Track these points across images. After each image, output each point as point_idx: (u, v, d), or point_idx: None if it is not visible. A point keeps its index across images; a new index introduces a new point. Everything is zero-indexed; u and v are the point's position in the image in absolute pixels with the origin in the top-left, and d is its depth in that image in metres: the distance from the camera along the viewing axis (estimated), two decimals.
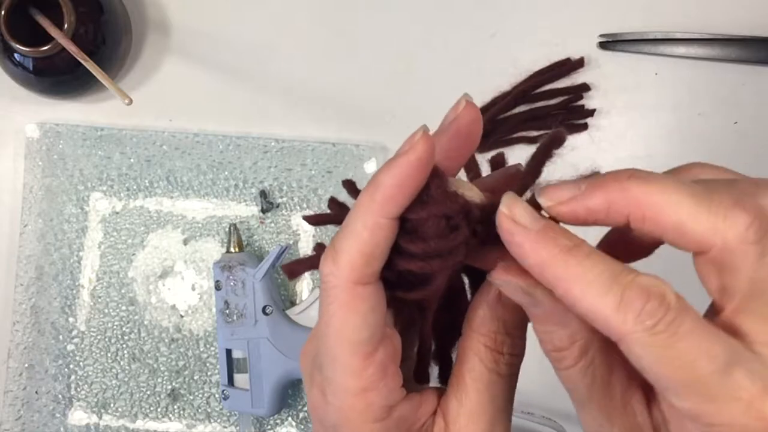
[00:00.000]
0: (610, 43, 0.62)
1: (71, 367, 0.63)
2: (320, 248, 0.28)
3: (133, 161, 0.63)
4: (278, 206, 0.63)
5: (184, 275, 0.63)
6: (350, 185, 0.30)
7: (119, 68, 0.63)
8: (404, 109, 0.63)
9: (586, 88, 0.62)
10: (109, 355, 0.63)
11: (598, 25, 0.62)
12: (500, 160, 0.32)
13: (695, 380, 0.22)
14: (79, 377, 0.63)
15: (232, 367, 0.60)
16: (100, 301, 0.63)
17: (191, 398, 0.62)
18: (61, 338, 0.62)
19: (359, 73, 0.63)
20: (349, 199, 0.29)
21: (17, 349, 0.62)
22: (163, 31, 0.63)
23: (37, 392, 0.62)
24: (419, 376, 0.31)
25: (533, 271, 0.25)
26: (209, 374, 0.62)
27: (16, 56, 0.57)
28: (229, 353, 0.60)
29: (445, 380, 0.31)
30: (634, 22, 0.62)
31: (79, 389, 0.63)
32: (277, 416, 0.62)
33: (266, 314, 0.58)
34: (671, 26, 0.62)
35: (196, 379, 0.62)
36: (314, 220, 0.31)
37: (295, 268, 0.29)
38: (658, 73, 0.62)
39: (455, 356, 0.31)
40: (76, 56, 0.54)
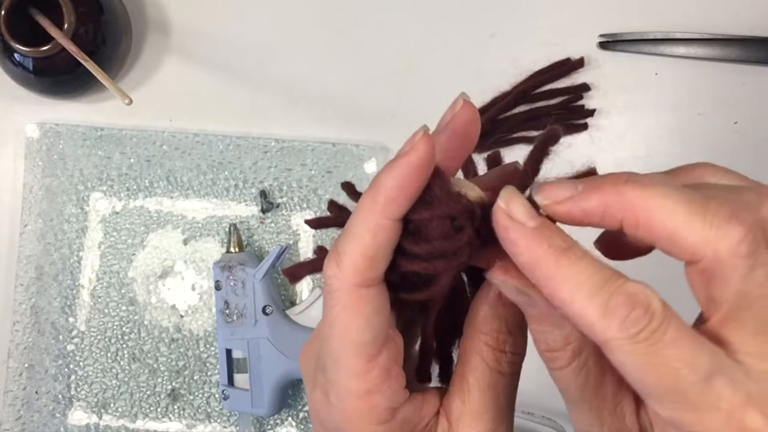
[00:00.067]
0: (610, 43, 0.62)
1: (71, 367, 0.63)
2: (321, 251, 0.28)
3: (133, 161, 0.63)
4: (278, 206, 0.63)
5: (184, 275, 0.63)
6: (350, 187, 0.30)
7: (119, 68, 0.63)
8: (404, 109, 0.63)
9: (586, 88, 0.62)
10: (109, 355, 0.63)
11: (598, 25, 0.62)
12: (496, 158, 0.32)
13: (676, 389, 0.22)
14: (79, 377, 0.63)
15: (232, 367, 0.60)
16: (100, 301, 0.63)
17: (191, 398, 0.62)
18: (61, 338, 0.62)
19: (359, 73, 0.63)
20: (349, 201, 0.29)
21: (17, 349, 0.62)
22: (163, 31, 0.63)
23: (37, 392, 0.62)
24: (421, 375, 0.31)
25: (524, 268, 0.25)
26: (209, 374, 0.62)
27: (16, 56, 0.57)
28: (229, 353, 0.60)
29: (445, 379, 0.31)
30: (634, 22, 0.62)
31: (79, 389, 0.63)
32: (277, 416, 0.62)
33: (266, 314, 0.58)
34: (671, 26, 0.62)
35: (196, 379, 0.62)
36: (315, 223, 0.31)
37: (296, 271, 0.29)
38: (658, 73, 0.62)
39: (456, 355, 0.31)
40: (76, 56, 0.54)
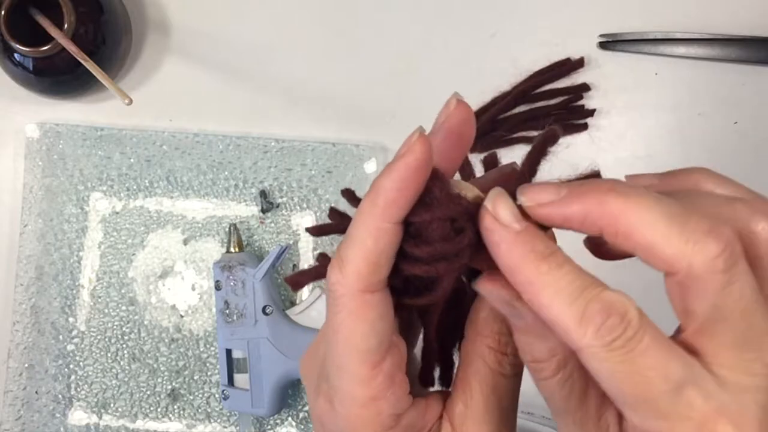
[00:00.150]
0: (610, 43, 0.62)
1: (71, 367, 0.63)
2: (323, 258, 0.28)
3: (133, 161, 0.63)
4: (278, 206, 0.63)
5: (184, 275, 0.63)
6: (350, 194, 0.30)
7: (119, 68, 0.63)
8: (404, 109, 0.63)
9: (586, 88, 0.62)
10: (109, 355, 0.63)
11: (598, 25, 0.62)
12: (493, 160, 0.32)
13: (648, 397, 0.23)
14: (79, 377, 0.63)
15: (232, 367, 0.60)
16: (100, 301, 0.63)
17: (191, 398, 0.62)
18: (61, 338, 0.62)
19: (359, 73, 0.63)
20: (350, 207, 0.29)
21: (17, 349, 0.62)
22: (163, 31, 0.63)
23: (37, 392, 0.62)
24: (425, 379, 0.31)
25: (505, 272, 0.25)
26: (209, 374, 0.62)
27: (16, 56, 0.57)
28: (229, 353, 0.60)
29: (446, 382, 0.31)
30: (634, 22, 0.62)
31: (79, 389, 0.63)
32: (277, 416, 0.62)
33: (266, 314, 0.58)
34: (671, 26, 0.62)
35: (196, 379, 0.62)
36: (316, 231, 0.31)
37: (299, 279, 0.29)
38: (658, 73, 0.62)
39: (456, 358, 0.31)
40: (76, 56, 0.54)
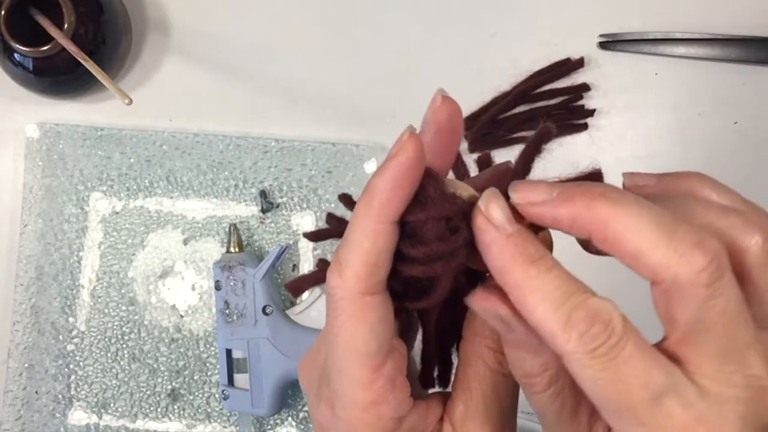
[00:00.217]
0: (610, 43, 0.62)
1: (71, 367, 0.63)
2: (323, 263, 0.28)
3: (133, 161, 0.63)
4: (278, 206, 0.63)
5: (184, 275, 0.63)
6: (346, 198, 0.30)
7: (119, 68, 0.63)
8: (404, 109, 0.63)
9: (586, 88, 0.62)
10: (109, 355, 0.63)
11: (598, 25, 0.62)
12: (487, 159, 0.32)
13: (629, 405, 0.23)
14: (79, 377, 0.63)
15: (232, 367, 0.60)
16: (100, 301, 0.63)
17: (191, 398, 0.62)
18: (61, 338, 0.62)
19: (359, 73, 0.63)
20: (347, 211, 0.29)
21: (17, 349, 0.62)
22: (163, 31, 0.63)
23: (37, 392, 0.62)
24: (425, 380, 0.31)
25: (494, 272, 0.25)
26: (209, 374, 0.62)
27: (16, 56, 0.57)
28: (229, 353, 0.60)
29: (444, 382, 0.31)
30: (634, 22, 0.62)
31: (79, 389, 0.63)
32: (277, 416, 0.62)
33: (266, 314, 0.58)
34: (671, 26, 0.62)
35: (196, 379, 0.62)
36: (315, 236, 0.31)
37: (299, 285, 0.29)
38: (658, 73, 0.62)
39: (455, 358, 0.31)
40: (76, 56, 0.54)
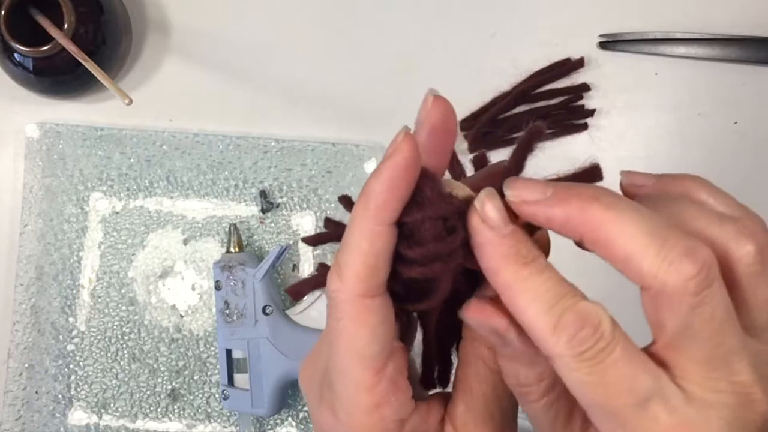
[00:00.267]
0: (610, 43, 0.62)
1: (71, 367, 0.63)
2: (323, 268, 0.28)
3: (133, 161, 0.63)
4: (278, 206, 0.63)
5: (184, 275, 0.63)
6: (346, 200, 0.30)
7: (119, 68, 0.63)
8: (404, 109, 0.63)
9: (586, 88, 0.62)
10: (109, 355, 0.63)
11: (598, 25, 0.62)
12: (482, 159, 0.32)
13: (614, 409, 0.23)
14: (79, 377, 0.63)
15: (232, 367, 0.60)
16: (100, 301, 0.63)
17: (191, 398, 0.62)
18: (61, 338, 0.62)
19: (359, 73, 0.63)
20: (346, 213, 0.29)
21: (17, 349, 0.62)
22: (163, 31, 0.63)
23: (37, 392, 0.62)
24: (426, 382, 0.31)
25: (486, 272, 0.25)
26: (209, 374, 0.62)
27: (16, 56, 0.57)
28: (229, 353, 0.60)
29: (443, 382, 0.31)
30: (634, 22, 0.62)
31: (79, 389, 0.63)
32: (277, 416, 0.62)
33: (266, 314, 0.58)
34: (671, 26, 0.62)
35: (196, 379, 0.62)
36: (313, 240, 0.31)
37: (300, 289, 0.29)
38: (658, 73, 0.62)
39: (454, 358, 0.31)
40: (76, 56, 0.54)
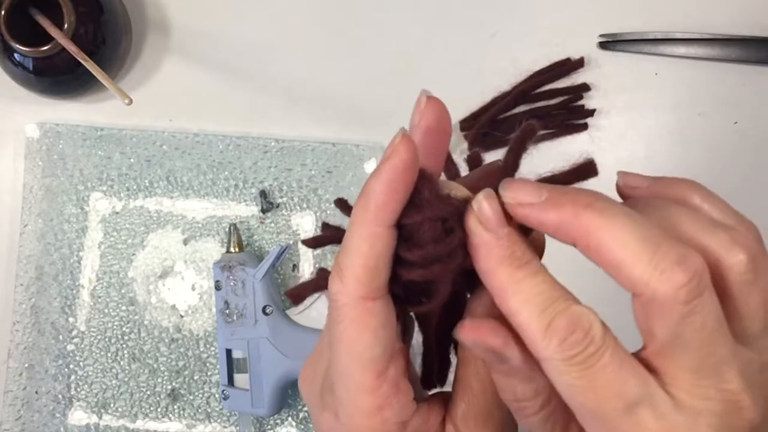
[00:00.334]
0: (610, 43, 0.62)
1: (71, 367, 0.63)
2: (322, 272, 0.28)
3: (133, 161, 0.63)
4: (278, 206, 0.63)
5: (184, 275, 0.63)
6: (342, 204, 0.30)
7: (119, 68, 0.63)
8: (404, 109, 0.62)
9: (586, 88, 0.62)
10: (109, 355, 0.63)
11: (598, 25, 0.62)
12: (477, 158, 0.32)
13: (602, 414, 0.23)
14: (79, 377, 0.63)
15: (232, 367, 0.60)
16: (100, 301, 0.63)
17: (191, 398, 0.62)
18: (61, 338, 0.62)
19: (359, 73, 0.63)
20: (345, 216, 0.29)
21: (17, 349, 0.62)
22: (163, 31, 0.63)
23: (37, 392, 0.62)
24: (426, 382, 0.31)
25: (481, 273, 0.25)
26: (209, 374, 0.62)
27: (16, 56, 0.57)
28: (229, 353, 0.60)
29: (442, 381, 0.31)
30: (634, 22, 0.62)
31: (79, 389, 0.63)
32: (277, 416, 0.62)
33: (266, 314, 0.58)
34: (671, 26, 0.62)
35: (196, 379, 0.62)
36: (313, 243, 0.31)
37: (299, 292, 0.29)
38: (658, 73, 0.62)
39: (453, 357, 0.31)
40: (76, 56, 0.54)
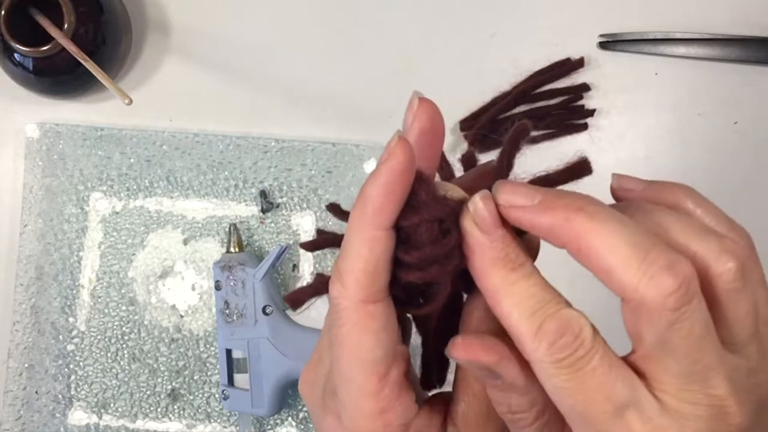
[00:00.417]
0: (610, 43, 0.62)
1: (71, 367, 0.63)
2: (321, 277, 0.28)
3: (133, 161, 0.63)
4: (278, 206, 0.63)
5: (184, 275, 0.63)
6: (335, 209, 0.30)
7: (119, 68, 0.63)
8: (404, 109, 0.62)
9: (586, 88, 0.62)
10: (109, 355, 0.63)
11: (598, 25, 0.62)
12: (471, 158, 0.32)
13: (590, 416, 0.23)
14: (79, 377, 0.63)
15: (232, 367, 0.60)
16: (100, 301, 0.63)
17: (191, 398, 0.62)
18: (61, 338, 0.62)
19: (359, 73, 0.63)
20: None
21: (17, 349, 0.62)
22: (163, 31, 0.63)
23: (37, 392, 0.62)
24: (426, 383, 0.31)
25: (474, 274, 0.25)
26: (209, 374, 0.62)
27: (16, 56, 0.57)
28: (229, 353, 0.60)
29: (441, 381, 0.31)
30: (634, 22, 0.62)
31: (79, 389, 0.63)
32: (277, 416, 0.62)
33: (266, 314, 0.58)
34: (671, 26, 0.62)
35: (196, 379, 0.62)
36: (311, 246, 0.31)
37: (298, 297, 0.29)
38: (658, 73, 0.62)
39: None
40: (76, 56, 0.54)
